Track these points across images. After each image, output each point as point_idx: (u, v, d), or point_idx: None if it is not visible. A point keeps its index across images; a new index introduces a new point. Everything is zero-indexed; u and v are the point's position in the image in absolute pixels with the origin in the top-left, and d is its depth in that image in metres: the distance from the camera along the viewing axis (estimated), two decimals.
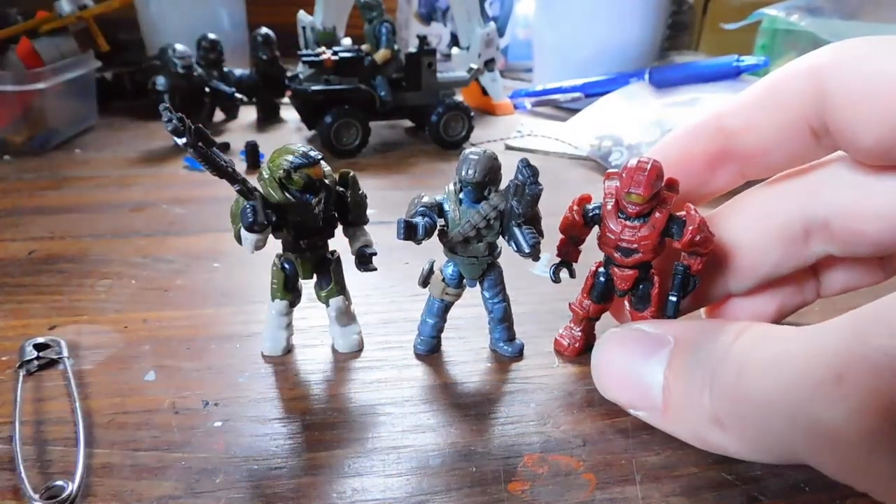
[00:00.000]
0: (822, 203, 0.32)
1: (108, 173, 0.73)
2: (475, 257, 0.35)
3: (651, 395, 0.29)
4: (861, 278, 0.37)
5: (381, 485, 0.28)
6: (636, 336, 0.31)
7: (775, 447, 0.24)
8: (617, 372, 0.32)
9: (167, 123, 0.27)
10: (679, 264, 0.34)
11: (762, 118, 0.31)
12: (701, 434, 0.27)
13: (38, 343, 0.37)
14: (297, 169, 0.31)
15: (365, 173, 0.74)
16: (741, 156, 0.33)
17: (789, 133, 0.31)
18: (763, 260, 0.34)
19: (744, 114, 0.32)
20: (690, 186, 0.34)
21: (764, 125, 0.31)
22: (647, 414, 0.30)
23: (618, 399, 0.32)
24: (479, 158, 0.32)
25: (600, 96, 0.94)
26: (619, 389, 0.32)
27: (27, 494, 0.26)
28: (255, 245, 0.32)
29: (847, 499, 0.28)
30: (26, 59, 0.79)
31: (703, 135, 0.34)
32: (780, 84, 0.31)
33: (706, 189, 0.35)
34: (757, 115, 0.32)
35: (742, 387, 0.24)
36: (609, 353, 0.32)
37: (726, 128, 0.33)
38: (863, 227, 0.31)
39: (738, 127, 0.32)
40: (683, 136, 0.35)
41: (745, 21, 0.96)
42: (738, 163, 0.34)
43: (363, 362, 0.38)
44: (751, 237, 0.34)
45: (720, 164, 0.34)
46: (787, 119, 0.30)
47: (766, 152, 0.32)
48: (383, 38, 0.83)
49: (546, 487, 0.28)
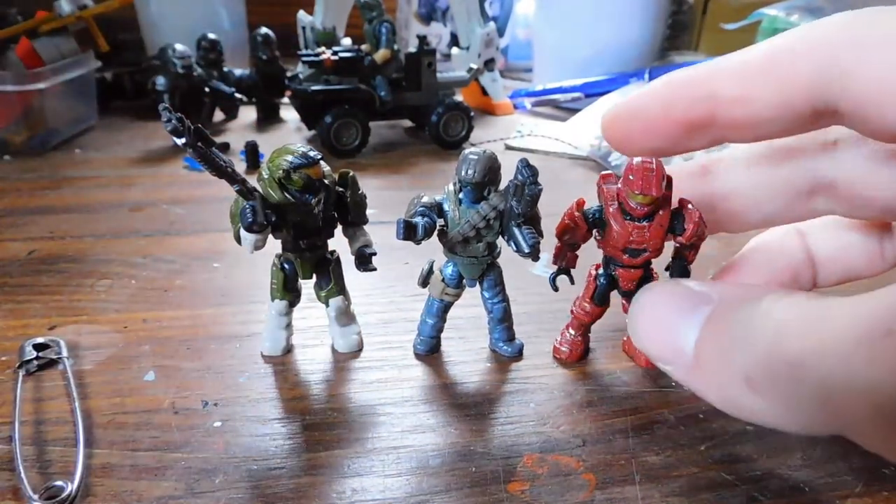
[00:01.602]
0: (833, 166, 0.31)
1: (108, 173, 0.73)
2: (475, 257, 0.35)
3: (684, 349, 0.27)
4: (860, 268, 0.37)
5: (380, 485, 0.28)
6: (680, 290, 0.29)
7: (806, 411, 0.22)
8: (654, 322, 0.29)
9: (167, 123, 0.27)
10: (676, 257, 0.34)
11: (760, 91, 0.29)
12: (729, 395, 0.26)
13: (37, 343, 0.37)
14: (297, 169, 0.31)
15: (365, 173, 0.74)
16: (728, 125, 0.31)
17: (789, 110, 0.29)
18: (761, 208, 0.34)
19: (740, 83, 0.30)
20: (662, 145, 0.32)
21: (763, 97, 0.29)
22: (674, 369, 0.28)
23: (649, 350, 0.29)
24: (478, 158, 0.32)
25: (600, 96, 0.94)
26: (653, 340, 0.29)
27: (27, 494, 0.26)
28: (254, 245, 0.32)
29: (847, 499, 0.28)
30: (26, 59, 0.79)
31: (690, 96, 0.31)
32: (785, 56, 0.28)
33: (677, 149, 0.33)
34: (755, 87, 0.29)
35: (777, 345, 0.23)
36: (649, 303, 0.30)
37: (717, 94, 0.30)
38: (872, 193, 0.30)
39: (732, 96, 0.30)
40: (666, 92, 0.32)
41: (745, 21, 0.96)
42: (721, 130, 0.31)
43: (363, 362, 0.38)
44: (753, 186, 0.34)
45: (701, 129, 0.31)
46: (790, 95, 0.29)
47: (757, 125, 0.30)
48: (383, 38, 0.83)
49: (546, 487, 0.28)
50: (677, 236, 0.33)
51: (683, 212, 0.33)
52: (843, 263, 0.37)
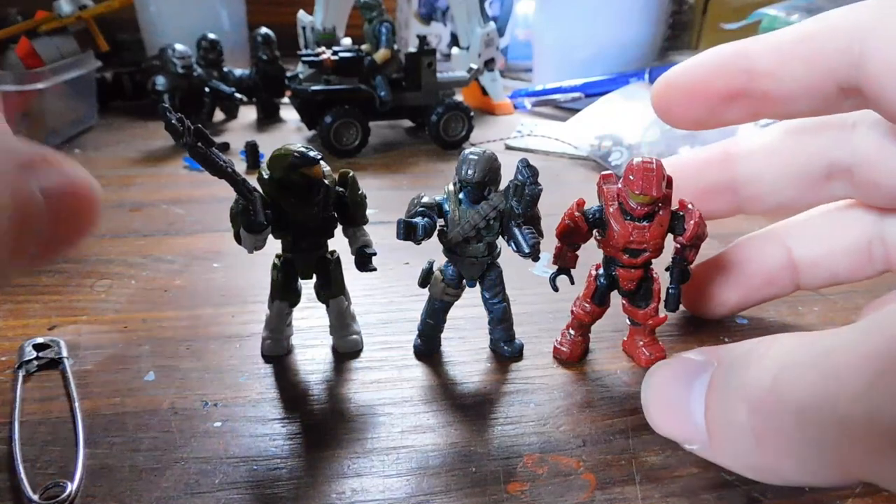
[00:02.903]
0: (849, 151, 0.32)
1: (108, 173, 0.73)
2: (475, 257, 0.35)
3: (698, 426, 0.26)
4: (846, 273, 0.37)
5: (380, 485, 0.28)
6: (681, 365, 0.28)
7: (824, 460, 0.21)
8: (665, 405, 0.28)
9: (167, 124, 0.27)
10: (677, 257, 0.34)
11: (792, 67, 0.30)
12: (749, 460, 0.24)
13: (37, 343, 0.37)
14: (297, 169, 0.31)
15: (365, 173, 0.74)
16: (761, 98, 0.32)
17: (817, 87, 0.30)
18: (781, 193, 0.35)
19: (774, 58, 0.31)
20: (703, 115, 0.34)
21: (792, 74, 0.31)
22: (699, 447, 0.28)
23: (671, 435, 0.28)
24: (478, 159, 0.32)
25: (600, 96, 0.94)
26: (669, 424, 0.28)
27: (26, 494, 0.26)
28: (254, 245, 0.32)
29: (847, 499, 0.28)
30: (26, 59, 0.79)
31: (727, 69, 0.33)
32: (817, 36, 0.30)
33: (715, 120, 0.35)
34: (787, 63, 0.31)
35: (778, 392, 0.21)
36: (656, 387, 0.29)
37: (752, 68, 0.32)
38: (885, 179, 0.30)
39: (765, 70, 0.31)
40: (708, 64, 0.33)
41: (745, 21, 0.96)
42: (755, 102, 0.33)
43: (363, 362, 0.38)
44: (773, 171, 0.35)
45: (737, 100, 0.33)
46: (817, 73, 0.30)
47: (788, 100, 0.31)
48: (383, 38, 0.83)
49: (546, 488, 0.28)
50: (678, 236, 0.33)
51: (683, 212, 0.33)
52: (827, 268, 0.38)
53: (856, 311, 0.43)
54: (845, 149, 0.32)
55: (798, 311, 0.44)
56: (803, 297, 0.44)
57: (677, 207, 0.33)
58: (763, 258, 0.39)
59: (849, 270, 0.37)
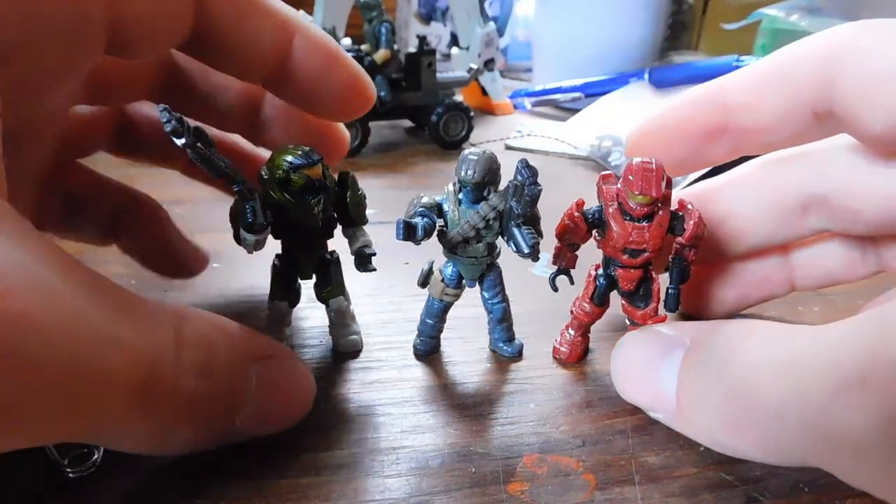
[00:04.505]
0: (824, 180, 0.32)
1: (108, 173, 0.73)
2: (474, 258, 0.35)
3: (666, 396, 0.28)
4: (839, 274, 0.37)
5: (380, 485, 0.28)
6: (654, 338, 0.31)
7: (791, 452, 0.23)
8: (634, 374, 0.31)
9: (166, 124, 0.27)
10: (676, 257, 0.34)
11: (765, 98, 0.31)
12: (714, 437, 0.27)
13: None
14: (297, 169, 0.31)
15: (365, 173, 0.74)
16: (739, 132, 0.33)
17: (792, 115, 0.31)
18: (758, 229, 0.35)
19: (747, 91, 0.32)
20: (685, 156, 0.34)
21: (766, 105, 0.31)
22: (664, 416, 0.30)
23: (636, 401, 0.31)
24: (478, 159, 0.32)
25: (600, 96, 0.95)
26: (637, 391, 0.31)
27: (54, 460, 0.27)
28: (254, 245, 0.32)
29: (847, 499, 0.28)
30: None
31: (704, 107, 0.34)
32: (788, 65, 0.30)
33: (699, 160, 0.35)
34: (760, 94, 0.31)
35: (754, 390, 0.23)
36: (627, 356, 0.32)
37: (728, 103, 0.32)
38: (862, 206, 0.31)
39: (741, 104, 0.32)
40: (684, 105, 0.34)
41: (745, 21, 0.96)
42: (735, 138, 0.33)
43: (363, 362, 0.38)
44: (748, 207, 0.35)
45: (717, 137, 0.34)
46: (791, 101, 0.30)
47: (765, 131, 0.32)
48: (383, 38, 0.83)
49: (545, 488, 0.28)
50: (677, 236, 0.33)
51: (683, 212, 0.33)
52: (821, 269, 0.38)
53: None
54: (820, 177, 0.32)
55: (798, 310, 0.44)
56: (803, 297, 0.44)
57: (677, 207, 0.34)
58: (758, 256, 0.39)
59: (842, 269, 0.37)
